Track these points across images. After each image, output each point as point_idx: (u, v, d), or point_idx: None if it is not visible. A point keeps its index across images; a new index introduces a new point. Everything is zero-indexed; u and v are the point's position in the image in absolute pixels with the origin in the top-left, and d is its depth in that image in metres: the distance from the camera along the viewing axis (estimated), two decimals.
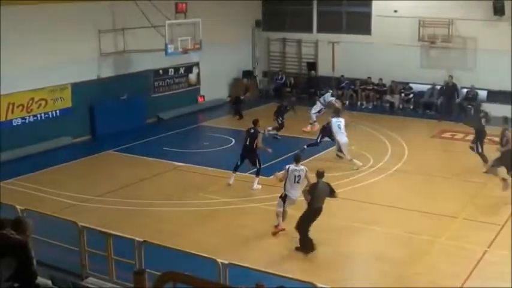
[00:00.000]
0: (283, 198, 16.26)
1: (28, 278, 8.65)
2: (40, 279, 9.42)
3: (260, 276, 10.76)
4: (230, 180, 20.18)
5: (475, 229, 16.61)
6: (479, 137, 21.71)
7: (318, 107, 27.12)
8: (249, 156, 20.06)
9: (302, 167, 16.28)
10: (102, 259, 12.47)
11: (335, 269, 14.55)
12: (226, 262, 10.77)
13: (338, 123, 22.22)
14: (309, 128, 26.76)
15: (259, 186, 19.85)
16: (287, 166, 16.35)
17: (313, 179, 15.62)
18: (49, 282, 10.33)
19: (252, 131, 20.05)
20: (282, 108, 26.25)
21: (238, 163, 20.18)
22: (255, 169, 20.01)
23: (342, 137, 22.03)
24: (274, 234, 16.28)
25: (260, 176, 19.85)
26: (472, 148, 21.87)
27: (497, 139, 20.46)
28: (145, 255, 11.76)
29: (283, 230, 16.27)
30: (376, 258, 15.05)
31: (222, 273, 10.63)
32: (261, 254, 15.06)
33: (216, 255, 11.20)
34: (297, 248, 15.23)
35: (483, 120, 22.06)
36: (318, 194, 15.09)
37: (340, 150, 22.28)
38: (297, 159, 16.41)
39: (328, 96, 27.75)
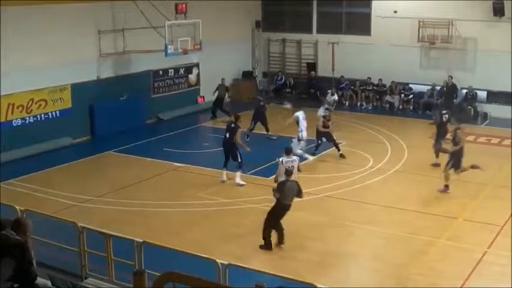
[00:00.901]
0: None
1: (28, 279, 8.64)
2: (39, 280, 9.41)
3: (260, 276, 10.76)
4: (223, 177, 20.46)
5: (475, 230, 16.61)
6: (439, 133, 22.08)
7: (322, 109, 27.13)
8: (228, 150, 20.46)
9: (294, 157, 16.97)
10: (102, 259, 12.45)
11: (334, 269, 14.56)
12: (226, 263, 10.76)
13: (303, 115, 23.30)
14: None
15: (244, 183, 20.13)
16: (280, 159, 16.87)
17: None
18: (48, 283, 10.32)
19: (233, 125, 20.50)
20: (260, 109, 26.03)
21: (225, 159, 20.50)
22: (238, 164, 20.33)
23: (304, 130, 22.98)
24: None
25: (261, 177, 19.90)
26: (434, 145, 22.18)
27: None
28: (145, 255, 11.75)
29: None
30: (376, 259, 15.05)
31: (222, 274, 10.62)
32: (261, 255, 15.07)
33: (216, 256, 11.19)
34: (260, 247, 15.36)
35: (444, 117, 22.59)
36: (286, 192, 15.32)
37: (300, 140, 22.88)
38: (287, 151, 17.00)
39: (329, 96, 27.78)
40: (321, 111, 26.00)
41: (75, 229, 12.64)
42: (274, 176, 17.81)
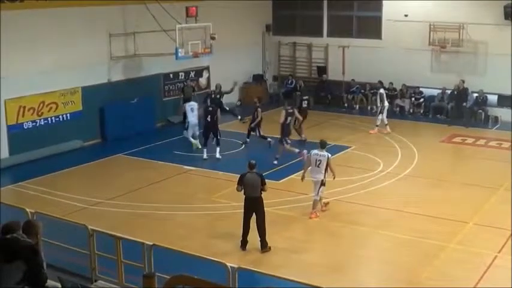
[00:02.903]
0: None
1: (38, 281, 8.66)
2: (49, 282, 9.43)
3: (270, 280, 10.75)
4: (204, 155, 23.18)
5: (485, 234, 16.54)
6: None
7: (380, 110, 27.17)
8: (213, 130, 23.26)
9: (325, 153, 17.51)
10: (112, 262, 12.48)
11: (344, 274, 14.51)
12: (236, 266, 10.75)
13: (191, 106, 24.90)
14: (388, 129, 26.85)
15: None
16: (311, 151, 17.76)
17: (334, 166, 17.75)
18: (58, 285, 10.34)
19: (210, 108, 23.55)
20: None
21: (205, 139, 23.37)
22: (217, 141, 23.43)
23: (192, 118, 24.71)
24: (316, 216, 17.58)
25: (271, 180, 19.93)
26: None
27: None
28: (155, 258, 11.75)
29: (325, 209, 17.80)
30: (386, 263, 15.03)
31: (232, 277, 10.61)
32: (271, 258, 15.05)
33: (226, 259, 11.19)
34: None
35: (304, 103, 26.48)
36: (246, 184, 15.52)
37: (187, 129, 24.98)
38: (321, 145, 17.77)
39: (380, 93, 27.49)
40: (383, 117, 26.14)
41: (85, 232, 12.67)
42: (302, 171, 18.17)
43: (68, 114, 25.02)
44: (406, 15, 31.17)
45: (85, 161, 23.41)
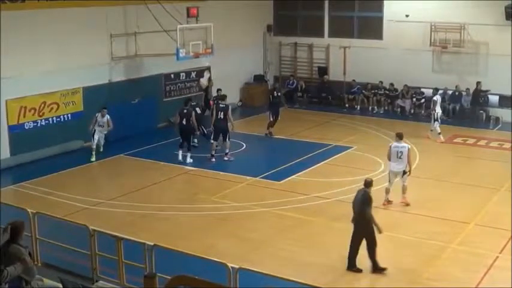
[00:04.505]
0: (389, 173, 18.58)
1: None
2: (50, 282, 9.44)
3: (270, 281, 10.74)
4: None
5: (487, 235, 16.53)
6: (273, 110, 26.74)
7: (435, 117, 26.39)
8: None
9: (404, 144, 18.25)
10: (113, 262, 12.47)
11: (345, 274, 14.49)
12: (237, 266, 10.74)
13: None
14: (442, 138, 26.19)
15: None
16: (391, 144, 18.50)
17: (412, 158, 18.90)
18: (59, 285, 10.35)
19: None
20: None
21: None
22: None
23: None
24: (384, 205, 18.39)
25: (272, 181, 19.96)
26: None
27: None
28: (156, 259, 11.75)
29: (391, 202, 18.45)
30: (387, 263, 14.98)
31: (233, 278, 10.61)
32: (272, 259, 15.04)
33: (227, 260, 11.17)
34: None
35: (277, 93, 27.44)
36: (353, 203, 14.80)
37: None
38: (399, 137, 18.41)
39: (434, 100, 26.85)
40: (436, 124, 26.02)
41: (86, 232, 12.67)
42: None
43: (69, 115, 25.02)
44: (407, 16, 31.17)
45: (86, 162, 23.39)
